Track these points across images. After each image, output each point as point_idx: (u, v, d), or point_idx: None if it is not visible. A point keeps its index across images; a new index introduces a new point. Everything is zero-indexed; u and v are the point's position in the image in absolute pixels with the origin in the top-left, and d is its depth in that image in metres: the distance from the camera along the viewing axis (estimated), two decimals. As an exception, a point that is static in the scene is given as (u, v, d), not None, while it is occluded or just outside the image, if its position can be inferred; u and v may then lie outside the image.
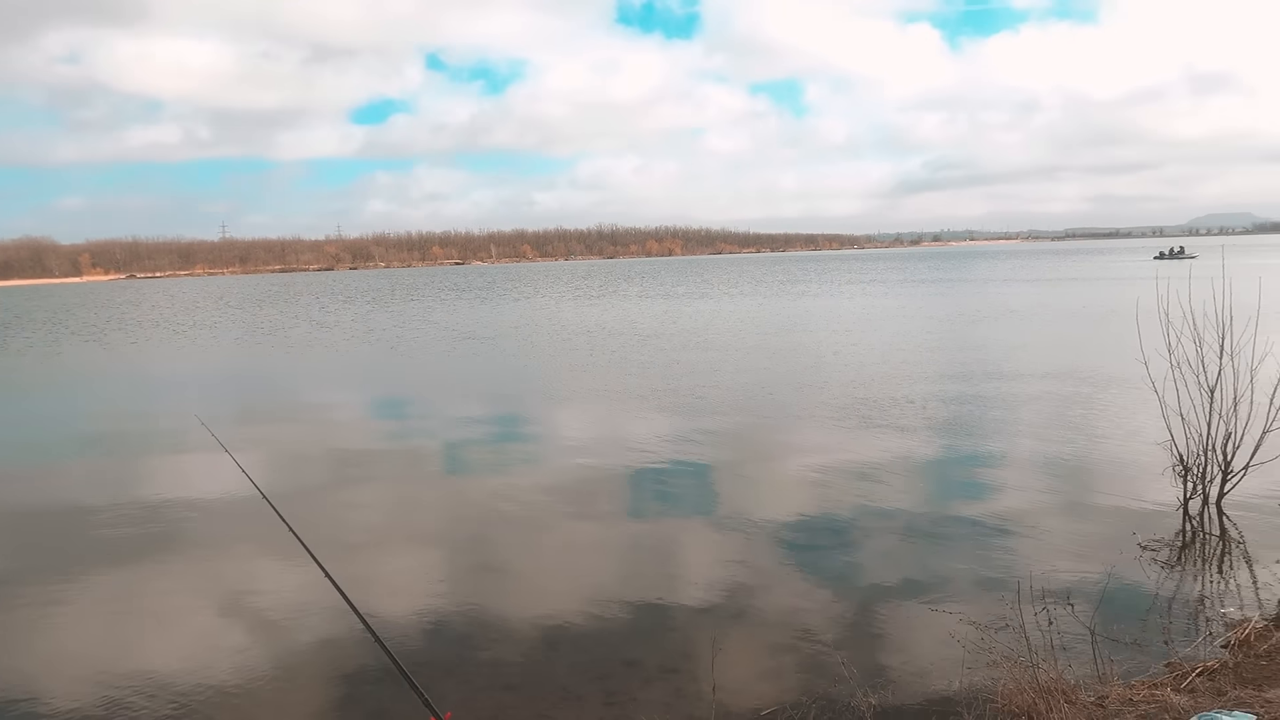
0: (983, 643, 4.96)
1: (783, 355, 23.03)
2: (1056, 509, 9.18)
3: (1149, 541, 8.10)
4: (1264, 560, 7.63)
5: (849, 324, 31.66)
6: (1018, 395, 15.80)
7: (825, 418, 14.27)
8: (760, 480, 10.93)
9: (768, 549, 8.30)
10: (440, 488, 11.18)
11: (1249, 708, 3.94)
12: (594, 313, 41.97)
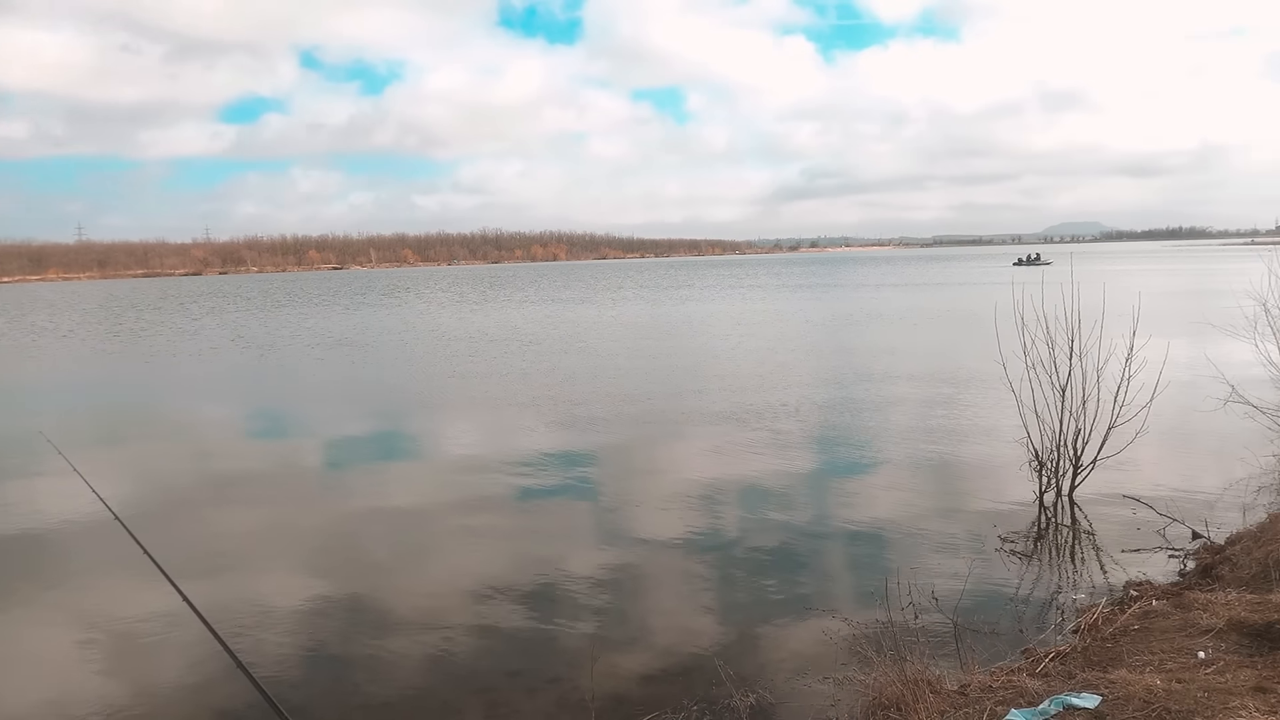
0: (855, 639, 5.12)
1: (664, 360, 23.24)
2: (924, 507, 9.56)
3: (1009, 534, 8.53)
4: (1110, 548, 8.14)
5: (728, 329, 32.22)
6: (887, 397, 16.40)
7: (704, 422, 14.46)
8: (641, 486, 10.97)
9: (649, 554, 8.34)
10: (313, 503, 10.75)
11: (1095, 689, 4.19)
12: (476, 318, 41.37)
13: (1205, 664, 4.45)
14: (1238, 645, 4.82)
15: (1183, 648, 4.87)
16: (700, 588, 7.42)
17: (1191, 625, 5.23)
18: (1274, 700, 3.76)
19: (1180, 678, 4.21)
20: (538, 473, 11.55)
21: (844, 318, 36.15)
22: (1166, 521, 8.48)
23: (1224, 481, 9.79)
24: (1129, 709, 3.88)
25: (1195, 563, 7.40)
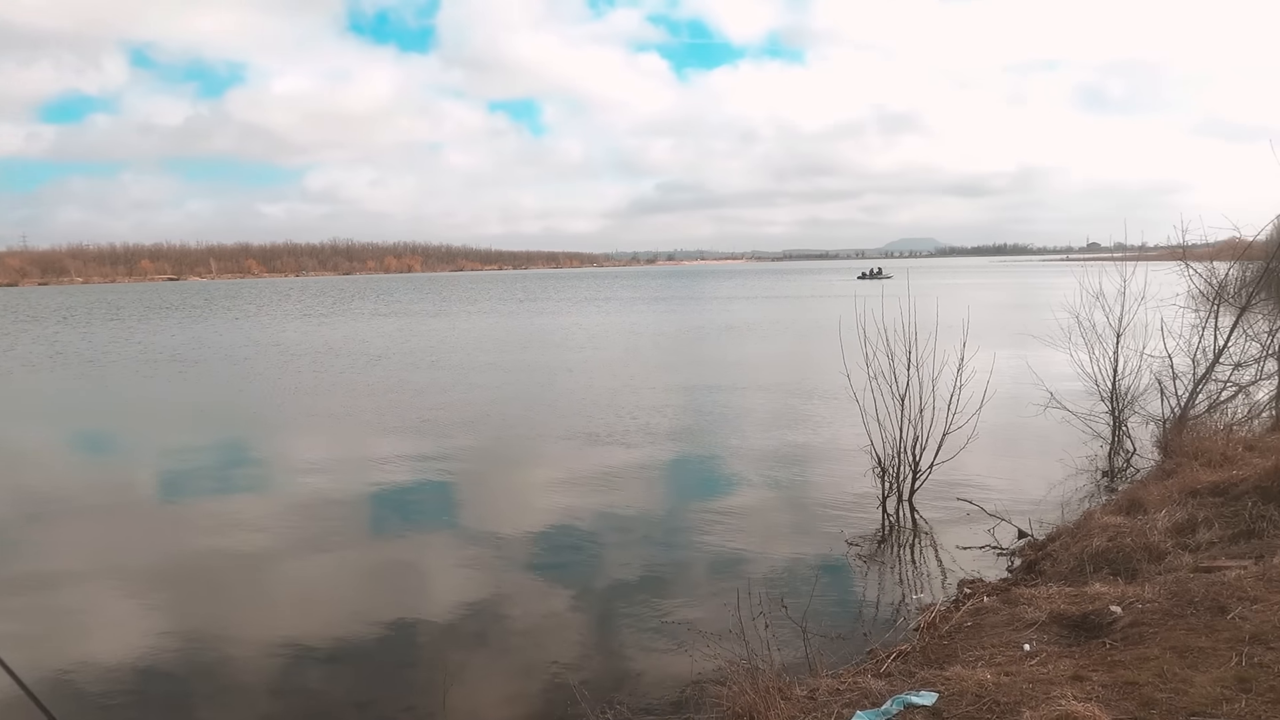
0: (709, 649, 5.18)
1: (517, 373, 23.01)
2: (774, 516, 9.83)
3: (854, 539, 8.88)
4: (947, 547, 8.60)
5: (583, 342, 32.27)
6: (738, 409, 16.79)
7: (558, 438, 14.37)
8: (494, 504, 10.79)
9: (504, 574, 8.20)
10: (141, 536, 9.97)
11: (933, 686, 4.39)
12: (323, 332, 39.76)
13: (1030, 656, 4.73)
14: (1058, 636, 5.15)
15: (1010, 641, 5.16)
16: (557, 607, 7.34)
17: (1018, 619, 5.55)
18: (1089, 688, 4.03)
19: (1008, 670, 4.46)
20: (385, 494, 11.16)
21: (696, 330, 36.89)
22: (996, 521, 9.03)
23: (1045, 482, 10.51)
24: (963, 704, 4.07)
25: (1021, 560, 7.91)
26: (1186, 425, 10.53)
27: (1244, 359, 11.81)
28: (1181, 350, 11.84)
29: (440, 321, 45.56)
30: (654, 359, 25.89)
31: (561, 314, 50.83)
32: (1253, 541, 6.31)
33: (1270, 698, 3.72)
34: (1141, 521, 7.04)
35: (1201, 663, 4.15)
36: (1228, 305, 11.99)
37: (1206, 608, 4.83)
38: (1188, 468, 8.13)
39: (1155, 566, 6.27)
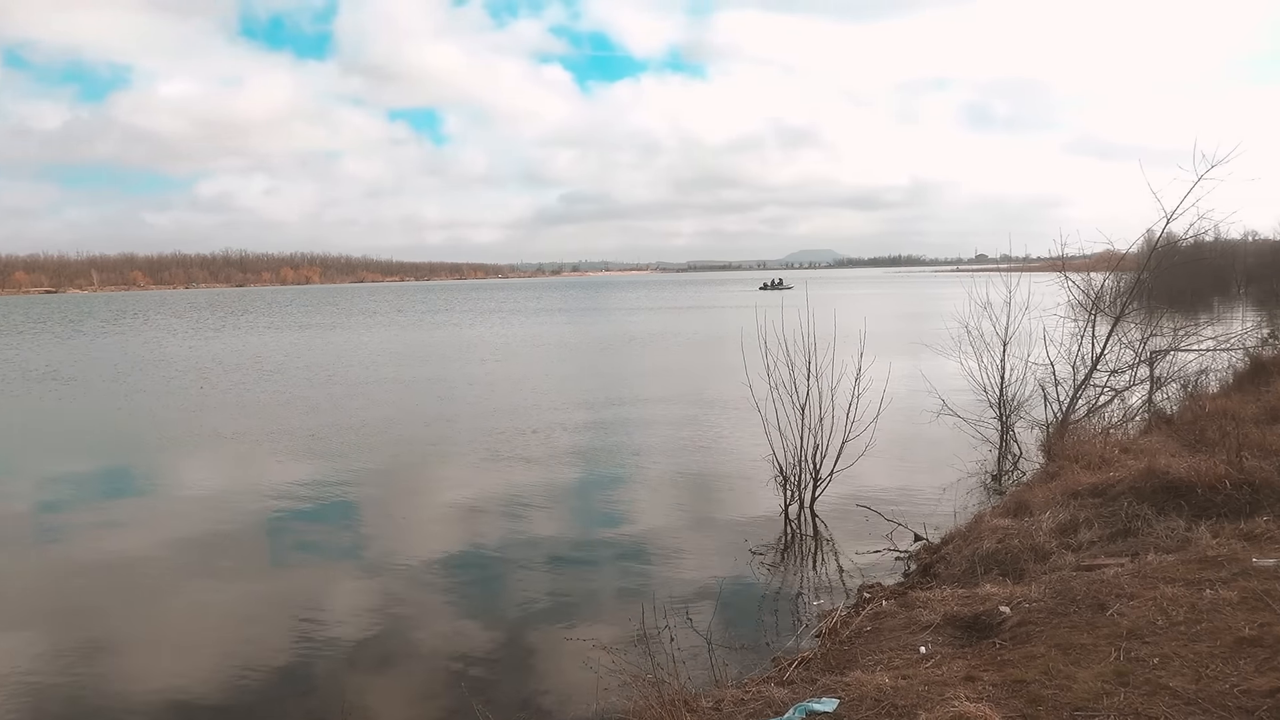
0: (615, 664, 5.15)
1: (416, 388, 22.55)
2: (680, 527, 9.88)
3: (758, 547, 8.99)
4: (847, 553, 8.79)
5: (485, 354, 31.87)
6: (643, 420, 16.84)
7: (457, 453, 14.13)
8: (393, 523, 10.53)
9: (405, 594, 8.00)
10: (17, 561, 9.37)
11: (834, 692, 4.46)
12: (211, 346, 38.12)
13: (926, 658, 4.87)
14: (952, 638, 5.31)
15: (908, 644, 5.29)
16: (461, 628, 7.20)
17: (914, 622, 5.70)
18: (981, 687, 4.17)
19: (906, 674, 4.57)
20: (278, 518, 10.74)
21: (600, 342, 36.91)
22: (893, 526, 9.28)
23: (939, 486, 10.86)
24: (863, 709, 4.15)
25: (917, 563, 8.15)
26: (1068, 429, 11.06)
27: (1119, 365, 12.48)
28: (1062, 358, 12.45)
29: (338, 335, 44.34)
30: (557, 371, 25.78)
31: (463, 326, 50.14)
32: (1129, 540, 6.64)
33: (1146, 690, 3.91)
34: (1028, 523, 7.33)
35: (1084, 659, 4.34)
36: (1104, 314, 12.67)
37: (1088, 605, 5.06)
38: (1069, 470, 8.52)
39: (1041, 566, 6.54)
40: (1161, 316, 14.91)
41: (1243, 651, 4.15)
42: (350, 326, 51.61)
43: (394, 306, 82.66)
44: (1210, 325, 19.95)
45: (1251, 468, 6.99)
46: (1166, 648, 4.31)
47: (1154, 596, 4.97)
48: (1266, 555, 5.44)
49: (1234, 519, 6.47)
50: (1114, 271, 13.76)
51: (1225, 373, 13.58)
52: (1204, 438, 8.53)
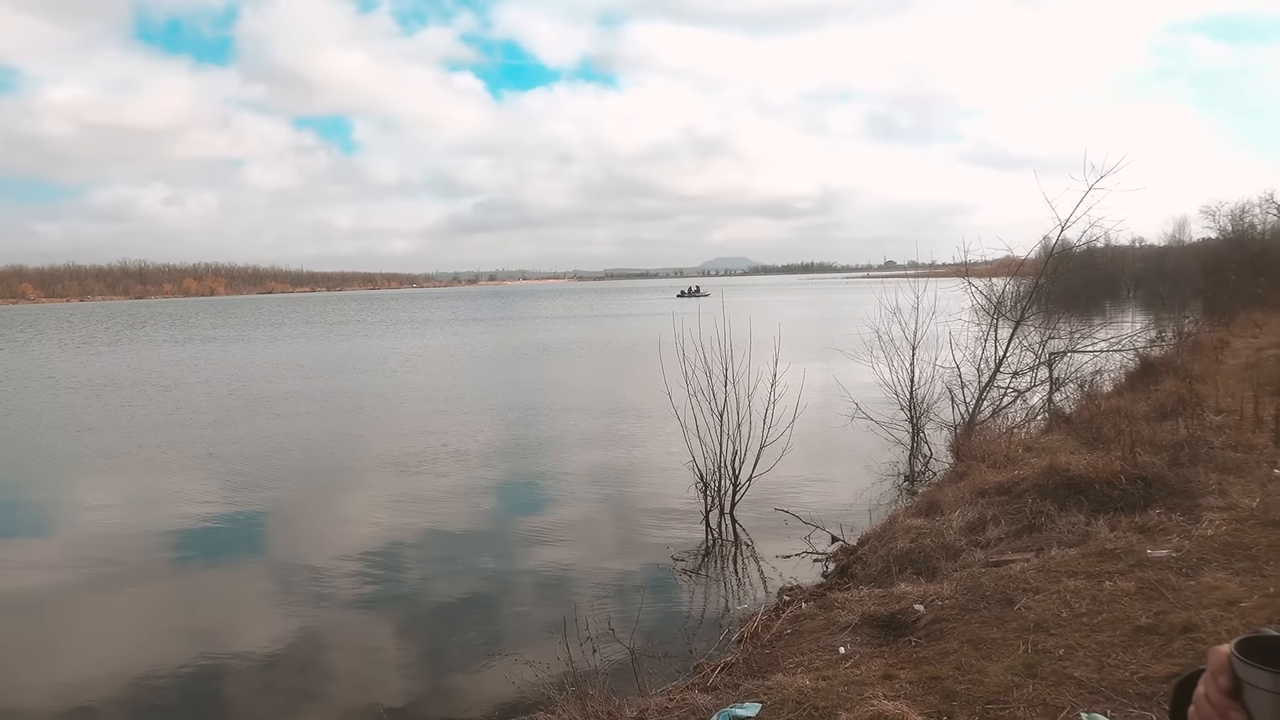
0: (538, 678, 5.10)
1: (322, 401, 21.92)
2: (601, 536, 9.87)
3: (680, 554, 9.03)
4: (767, 557, 8.90)
5: (394, 365, 31.17)
6: (560, 431, 16.73)
7: (365, 469, 13.80)
8: (299, 542, 10.20)
9: (318, 612, 7.78)
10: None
11: (756, 696, 4.51)
12: (103, 362, 36.22)
13: (845, 659, 4.96)
14: (870, 637, 5.42)
15: (827, 645, 5.38)
16: (377, 644, 7.04)
17: (833, 623, 5.80)
18: (898, 686, 4.27)
19: (826, 675, 4.65)
20: (177, 538, 10.27)
21: (514, 351, 36.63)
22: (811, 529, 9.42)
23: (855, 488, 11.10)
24: (785, 712, 4.21)
25: (835, 564, 8.30)
26: (974, 430, 11.44)
27: (1020, 367, 12.99)
28: (968, 360, 12.89)
29: (241, 347, 42.82)
30: (469, 382, 25.45)
31: (373, 337, 49.07)
32: (1034, 535, 6.89)
33: (1053, 681, 4.07)
34: (939, 522, 7.54)
35: (994, 653, 4.48)
36: (1005, 319, 13.17)
37: (997, 600, 5.23)
38: (977, 470, 8.81)
39: (952, 564, 6.73)
40: (1059, 320, 15.57)
41: (1140, 640, 4.35)
42: (254, 339, 49.94)
43: (303, 318, 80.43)
44: (1103, 328, 20.94)
45: (1144, 463, 7.34)
46: (1071, 639, 4.49)
47: (1058, 590, 5.17)
48: (1159, 546, 5.72)
49: (1129, 512, 6.78)
50: (1014, 277, 14.33)
51: (1118, 373, 14.26)
52: (1100, 435, 8.93)
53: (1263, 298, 22.33)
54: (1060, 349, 14.07)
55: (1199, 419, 8.74)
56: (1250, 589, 4.82)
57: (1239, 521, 6.01)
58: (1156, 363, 13.29)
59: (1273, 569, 5.08)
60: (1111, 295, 41.96)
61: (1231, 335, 17.68)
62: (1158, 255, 48.41)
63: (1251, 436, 8.19)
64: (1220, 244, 35.43)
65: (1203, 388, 10.36)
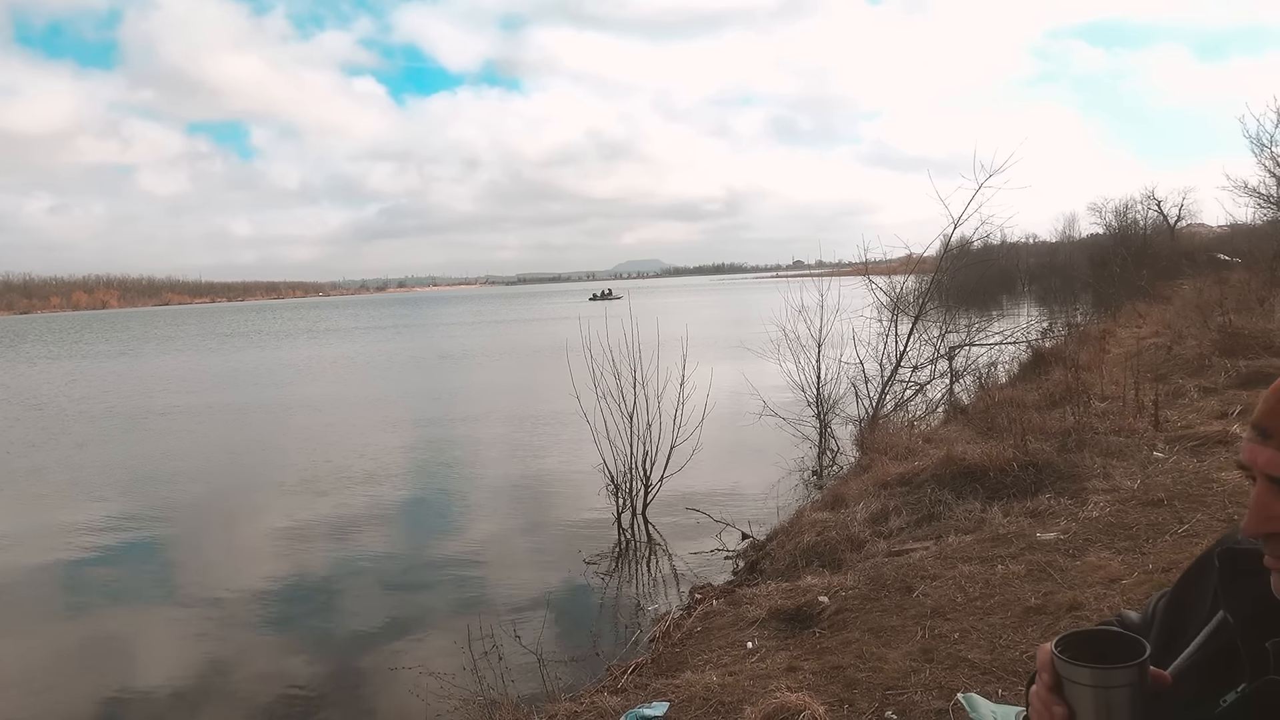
0: (444, 689, 5.00)
1: (211, 416, 20.98)
2: (511, 543, 9.77)
3: (592, 557, 9.00)
4: (680, 555, 8.95)
5: (288, 377, 30.10)
6: (468, 439, 16.46)
7: (262, 484, 13.34)
8: (193, 563, 9.75)
9: (215, 636, 7.49)
10: None
11: (665, 695, 4.52)
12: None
13: (752, 653, 5.01)
14: (777, 631, 5.49)
15: (736, 641, 5.43)
16: (279, 663, 6.82)
17: (742, 619, 5.86)
18: (802, 677, 4.33)
19: (733, 670, 4.69)
20: (57, 563, 9.76)
21: (418, 359, 35.88)
22: (722, 526, 9.51)
23: (765, 485, 11.25)
24: (692, 709, 4.23)
25: (745, 561, 8.39)
26: (878, 423, 11.74)
27: (920, 361, 13.39)
28: (871, 356, 13.23)
29: (123, 362, 40.73)
30: (363, 394, 24.63)
31: (268, 348, 47.36)
32: (933, 524, 7.09)
33: (948, 664, 4.19)
34: (844, 515, 7.71)
35: (894, 640, 4.59)
36: (905, 314, 13.56)
37: (897, 589, 5.36)
38: (879, 462, 9.03)
39: (857, 555, 6.87)
40: (958, 315, 16.14)
41: (1030, 620, 4.52)
42: (141, 353, 47.64)
43: (197, 330, 77.26)
44: (1000, 321, 21.77)
45: (1035, 450, 7.64)
46: (965, 623, 4.64)
47: (954, 575, 5.33)
48: (1048, 529, 5.95)
49: (1022, 498, 7.04)
50: (913, 274, 14.77)
51: (1012, 364, 14.82)
52: (995, 425, 9.25)
53: (1145, 290, 23.51)
54: (958, 343, 14.55)
55: (1085, 406, 9.14)
56: (1131, 566, 5.05)
57: (1121, 502, 6.30)
58: (1047, 354, 13.85)
59: (1151, 546, 5.34)
60: (1008, 290, 43.64)
61: (1117, 326, 18.56)
62: (1050, 251, 50.59)
63: (1133, 421, 8.60)
64: (1106, 239, 37.23)
65: (1089, 376, 10.85)
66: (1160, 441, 7.87)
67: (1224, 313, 12.90)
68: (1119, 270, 26.64)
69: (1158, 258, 27.93)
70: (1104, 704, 1.22)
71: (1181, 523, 5.61)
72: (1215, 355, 11.14)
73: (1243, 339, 10.99)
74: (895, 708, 3.91)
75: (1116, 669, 1.22)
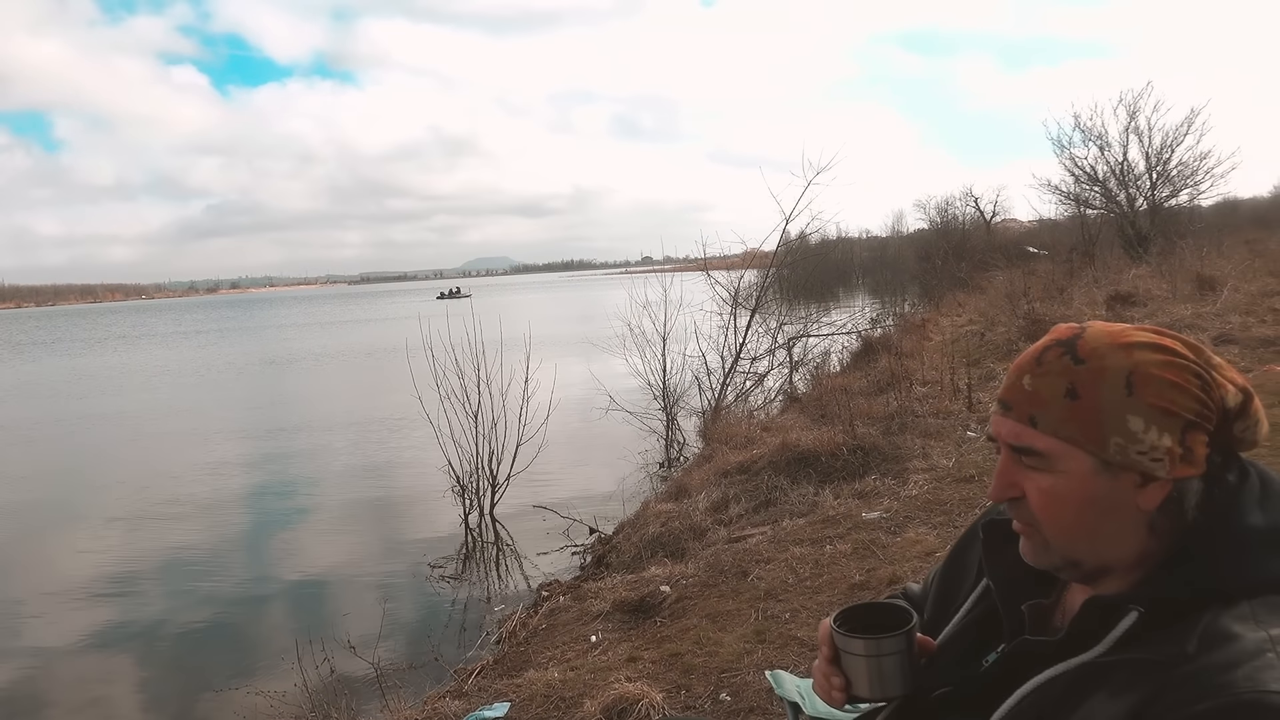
0: (272, 711, 4.79)
1: (33, 439, 18.87)
2: (352, 553, 9.43)
3: (438, 561, 8.83)
4: (529, 555, 8.91)
5: (83, 389, 27.60)
6: (305, 448, 15.68)
7: (63, 514, 12.20)
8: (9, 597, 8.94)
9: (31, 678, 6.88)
10: None
11: (506, 696, 4.49)
12: None
13: (595, 646, 5.05)
14: (621, 623, 5.55)
15: (580, 636, 5.46)
16: (97, 698, 6.33)
17: (587, 613, 5.89)
18: (641, 666, 4.40)
19: (575, 665, 4.71)
20: None
21: (252, 363, 33.93)
22: (570, 523, 9.53)
23: (613, 479, 11.34)
24: (533, 707, 4.22)
25: (591, 555, 8.44)
26: (720, 414, 12.07)
27: (759, 353, 13.85)
28: (713, 349, 13.56)
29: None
30: (190, 404, 23.09)
31: (71, 355, 43.69)
32: (770, 510, 7.36)
33: (779, 644, 4.36)
34: (687, 505, 7.88)
35: (729, 624, 4.74)
36: (744, 307, 13.98)
37: (734, 573, 5.54)
38: (720, 452, 9.29)
39: (699, 544, 7.04)
40: (795, 307, 16.78)
41: (854, 596, 4.76)
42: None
43: (5, 338, 70.49)
44: (835, 312, 22.79)
45: (862, 434, 8.05)
46: (795, 602, 4.84)
47: (786, 558, 5.55)
48: (873, 509, 6.29)
49: (851, 480, 7.41)
50: (750, 268, 15.25)
51: (844, 354, 15.56)
52: (827, 411, 9.69)
53: (965, 281, 25.14)
54: (795, 334, 15.14)
55: (908, 391, 9.71)
56: (945, 540, 5.40)
57: (938, 480, 6.74)
58: (875, 342, 14.62)
59: (963, 520, 5.72)
60: (844, 282, 45.71)
61: (939, 315, 19.78)
62: (880, 245, 53.41)
63: (949, 404, 9.21)
64: (930, 234, 39.65)
65: (911, 363, 11.53)
66: (973, 422, 8.46)
67: (1029, 301, 14.01)
68: (941, 263, 28.41)
69: (975, 250, 29.94)
70: (875, 671, 1.31)
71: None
72: (1022, 340, 12.08)
73: (1044, 325, 11.87)
74: (729, 689, 4.03)
75: (885, 638, 1.30)
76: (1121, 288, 15.43)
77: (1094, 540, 1.17)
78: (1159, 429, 1.12)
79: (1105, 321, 1.23)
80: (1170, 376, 1.13)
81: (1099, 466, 1.14)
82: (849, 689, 1.33)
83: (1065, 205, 28.39)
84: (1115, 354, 1.15)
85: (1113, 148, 24.88)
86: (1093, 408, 1.13)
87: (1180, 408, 1.12)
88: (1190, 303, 13.38)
